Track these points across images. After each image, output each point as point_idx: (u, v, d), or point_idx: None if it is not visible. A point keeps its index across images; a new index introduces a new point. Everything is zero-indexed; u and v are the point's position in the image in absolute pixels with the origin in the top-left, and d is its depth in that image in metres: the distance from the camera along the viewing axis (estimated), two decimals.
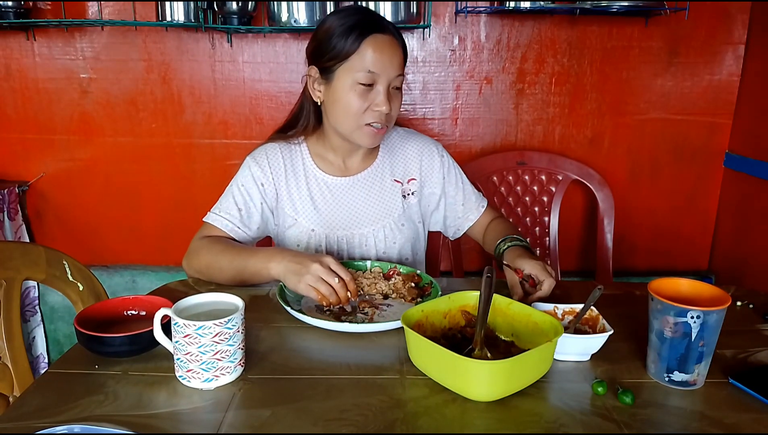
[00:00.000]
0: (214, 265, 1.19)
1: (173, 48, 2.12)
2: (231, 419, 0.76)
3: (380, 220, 1.34)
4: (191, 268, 1.24)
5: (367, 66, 1.18)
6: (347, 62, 1.19)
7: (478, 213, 1.41)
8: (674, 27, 2.09)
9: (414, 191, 1.38)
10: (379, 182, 1.36)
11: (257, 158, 1.32)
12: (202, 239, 1.25)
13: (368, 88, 1.20)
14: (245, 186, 1.30)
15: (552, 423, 0.77)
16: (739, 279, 2.14)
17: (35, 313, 2.22)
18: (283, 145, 1.34)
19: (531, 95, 2.18)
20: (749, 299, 1.17)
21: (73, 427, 0.72)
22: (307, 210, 1.32)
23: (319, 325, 1.00)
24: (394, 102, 1.23)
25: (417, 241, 1.40)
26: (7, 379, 1.14)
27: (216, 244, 1.22)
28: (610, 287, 1.24)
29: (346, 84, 1.20)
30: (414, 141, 1.41)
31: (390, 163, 1.38)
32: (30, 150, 2.21)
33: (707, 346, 0.83)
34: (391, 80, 1.21)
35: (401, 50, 1.22)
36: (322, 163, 1.34)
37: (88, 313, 0.95)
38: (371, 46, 1.18)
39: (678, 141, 2.22)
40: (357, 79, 1.19)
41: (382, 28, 1.19)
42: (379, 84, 1.20)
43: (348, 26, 1.18)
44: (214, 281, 1.22)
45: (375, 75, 1.19)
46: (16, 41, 2.11)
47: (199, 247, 1.23)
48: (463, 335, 0.96)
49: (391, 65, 1.20)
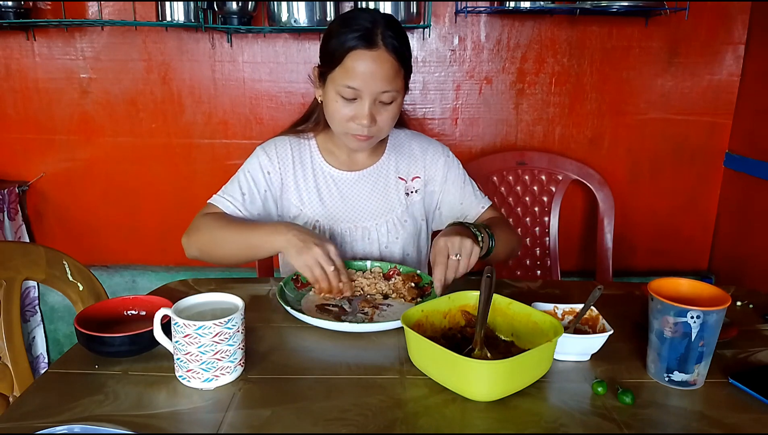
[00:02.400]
0: (217, 239, 1.19)
1: (173, 48, 2.12)
2: (231, 419, 0.76)
3: (383, 216, 1.35)
4: (191, 245, 1.23)
5: (347, 81, 1.16)
6: (333, 73, 1.19)
7: (476, 213, 1.40)
8: (674, 27, 2.09)
9: (417, 189, 1.39)
10: (383, 179, 1.37)
11: (266, 148, 1.34)
12: (204, 216, 1.25)
13: (351, 101, 1.19)
14: (251, 173, 1.31)
15: (552, 423, 0.77)
16: (739, 279, 2.14)
17: (35, 313, 2.22)
18: (292, 138, 1.36)
19: (531, 95, 2.18)
20: (749, 299, 1.17)
21: (73, 427, 0.72)
22: (313, 201, 1.33)
23: (319, 324, 1.00)
24: (381, 115, 1.21)
25: (420, 238, 1.41)
26: (7, 379, 1.14)
27: (218, 219, 1.22)
28: (610, 287, 1.24)
29: (332, 93, 1.20)
30: (421, 140, 1.42)
31: (395, 160, 1.39)
32: (30, 150, 2.21)
33: (707, 346, 0.83)
34: (376, 96, 1.18)
35: (392, 64, 1.17)
36: (330, 157, 1.36)
37: (88, 313, 0.95)
38: (354, 62, 1.15)
39: (678, 141, 2.22)
40: (339, 91, 1.18)
41: (370, 43, 1.15)
42: (363, 98, 1.18)
43: (339, 36, 1.16)
44: (214, 258, 1.22)
45: (356, 91, 1.17)
46: (16, 41, 2.11)
47: (201, 223, 1.23)
48: (463, 335, 0.96)
49: (374, 81, 1.16)
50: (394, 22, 1.21)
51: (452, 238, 1.08)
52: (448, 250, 1.07)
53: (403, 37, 1.20)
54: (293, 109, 2.17)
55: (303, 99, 2.16)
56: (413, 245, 1.39)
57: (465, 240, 1.07)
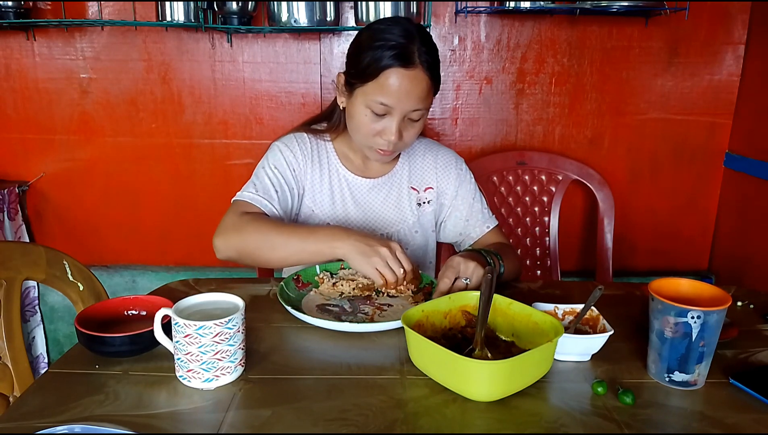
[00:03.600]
0: (267, 243, 1.12)
1: (173, 48, 2.12)
2: (231, 419, 0.76)
3: (394, 225, 1.34)
4: (230, 247, 1.15)
5: (380, 98, 1.14)
6: (365, 86, 1.16)
7: (480, 232, 1.36)
8: (674, 27, 2.09)
9: (430, 200, 1.37)
10: (396, 188, 1.35)
11: (288, 144, 1.30)
12: (242, 215, 1.17)
13: (381, 116, 1.17)
14: (279, 169, 1.27)
15: (552, 423, 0.77)
16: (739, 279, 2.15)
17: (35, 313, 2.22)
18: (311, 136, 1.33)
19: (531, 95, 2.18)
20: (750, 299, 1.17)
21: (74, 427, 0.72)
22: (325, 204, 1.31)
23: (320, 324, 1.00)
24: (407, 131, 1.20)
25: (428, 249, 1.39)
26: (7, 379, 1.14)
27: (264, 221, 1.16)
28: (610, 287, 1.24)
29: (361, 105, 1.18)
30: (435, 151, 1.40)
31: (409, 170, 1.37)
32: (30, 150, 2.21)
33: (708, 346, 0.83)
34: (407, 113, 1.17)
35: (427, 83, 1.16)
36: (346, 161, 1.34)
37: (88, 313, 0.95)
38: (390, 79, 1.13)
39: (678, 141, 2.22)
40: (370, 106, 1.16)
41: (408, 62, 1.12)
42: (393, 115, 1.17)
43: (374, 50, 1.13)
44: (258, 261, 1.17)
45: (388, 107, 1.15)
46: (16, 41, 2.11)
47: (243, 223, 1.15)
48: (463, 335, 0.96)
49: (408, 100, 1.15)
50: (427, 36, 1.17)
51: (468, 263, 1.07)
52: (460, 271, 1.07)
53: (436, 51, 1.18)
54: (293, 109, 2.17)
55: (303, 99, 2.16)
56: (422, 256, 1.38)
57: (479, 268, 1.07)
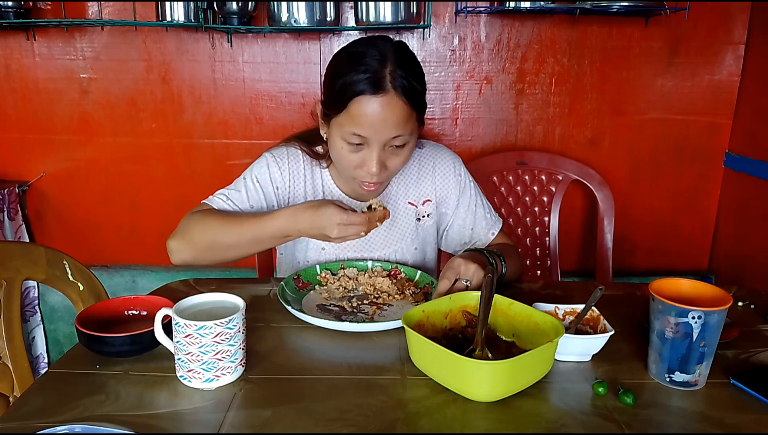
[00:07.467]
0: (219, 241, 1.12)
1: (173, 48, 2.12)
2: (232, 419, 0.76)
3: (392, 245, 1.30)
4: (185, 248, 1.14)
5: (352, 129, 1.07)
6: (338, 117, 1.09)
7: (486, 240, 1.32)
8: (674, 27, 2.09)
9: (430, 213, 1.32)
10: (392, 207, 1.29)
11: (278, 159, 1.25)
12: (192, 214, 1.16)
13: (359, 147, 1.09)
14: (261, 183, 1.23)
15: (553, 423, 0.77)
16: (739, 279, 2.15)
17: (35, 313, 2.22)
18: (305, 155, 1.27)
19: (531, 95, 2.18)
20: (750, 299, 1.17)
21: (74, 427, 0.72)
22: None
23: (320, 324, 1.00)
24: (392, 161, 1.12)
25: (427, 260, 1.36)
26: (7, 379, 1.14)
27: (213, 217, 1.14)
28: (611, 287, 1.24)
29: (337, 138, 1.11)
30: (431, 159, 1.31)
31: (404, 185, 1.31)
32: (30, 150, 2.21)
33: (708, 346, 0.83)
34: (386, 142, 1.08)
35: (403, 108, 1.06)
36: (339, 181, 1.28)
37: (89, 313, 0.95)
38: (360, 108, 1.05)
39: (678, 141, 2.22)
40: (345, 138, 1.09)
41: (378, 88, 1.03)
42: (371, 146, 1.08)
43: (342, 76, 1.06)
44: (215, 260, 1.16)
45: (363, 138, 1.07)
46: (16, 41, 2.11)
47: (193, 223, 1.14)
48: (464, 335, 0.96)
49: (384, 128, 1.06)
50: (405, 56, 1.08)
51: (469, 265, 1.05)
52: (460, 273, 1.06)
53: (416, 71, 1.09)
54: (293, 109, 2.17)
55: (303, 99, 2.16)
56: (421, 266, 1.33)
57: (479, 270, 1.05)
